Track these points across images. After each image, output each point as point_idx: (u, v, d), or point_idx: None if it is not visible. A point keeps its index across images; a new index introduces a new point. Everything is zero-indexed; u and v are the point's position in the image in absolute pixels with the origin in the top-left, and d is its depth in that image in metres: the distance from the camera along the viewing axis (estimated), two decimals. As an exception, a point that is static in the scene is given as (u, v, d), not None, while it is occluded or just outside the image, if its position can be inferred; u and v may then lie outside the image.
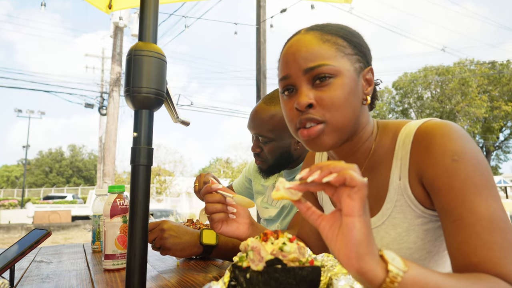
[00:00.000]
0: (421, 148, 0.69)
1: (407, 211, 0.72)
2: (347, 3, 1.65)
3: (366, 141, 0.79)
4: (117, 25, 12.73)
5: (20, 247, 0.91)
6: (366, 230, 0.46)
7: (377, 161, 0.78)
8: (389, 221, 0.75)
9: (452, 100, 27.49)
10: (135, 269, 0.65)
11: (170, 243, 1.03)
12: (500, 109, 27.20)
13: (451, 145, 0.65)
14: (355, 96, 0.73)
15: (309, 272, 0.53)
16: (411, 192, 0.72)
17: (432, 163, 0.66)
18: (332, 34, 0.75)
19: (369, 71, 0.77)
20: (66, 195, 23.84)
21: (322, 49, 0.72)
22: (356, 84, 0.73)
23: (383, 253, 0.48)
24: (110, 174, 11.86)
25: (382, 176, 0.77)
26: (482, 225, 0.59)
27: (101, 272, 1.02)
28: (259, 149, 1.34)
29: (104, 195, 1.37)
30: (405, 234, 0.73)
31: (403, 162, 0.73)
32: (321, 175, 0.47)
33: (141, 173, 0.68)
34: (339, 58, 0.72)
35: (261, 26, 7.84)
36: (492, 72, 27.94)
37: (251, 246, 0.55)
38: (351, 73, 0.73)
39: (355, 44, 0.76)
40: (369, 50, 0.80)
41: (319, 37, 0.74)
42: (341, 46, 0.73)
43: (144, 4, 0.73)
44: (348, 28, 0.78)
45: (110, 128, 12.18)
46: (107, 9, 1.62)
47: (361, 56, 0.76)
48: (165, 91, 0.72)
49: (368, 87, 0.77)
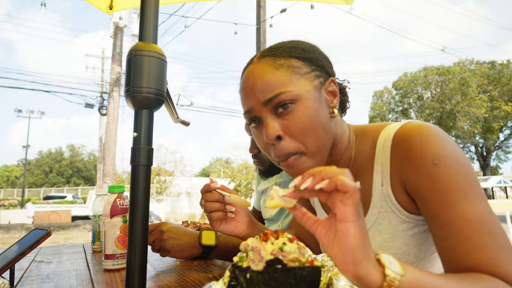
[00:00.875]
0: (400, 154, 0.68)
1: (391, 216, 0.72)
2: (347, 4, 1.64)
3: (345, 150, 0.79)
4: (117, 25, 12.72)
5: (20, 247, 0.91)
6: (361, 235, 0.46)
7: (359, 167, 0.77)
8: (375, 227, 0.74)
9: (452, 100, 27.49)
10: (135, 269, 0.65)
11: (170, 245, 1.04)
12: (500, 109, 27.20)
13: (431, 149, 0.64)
14: (320, 115, 0.72)
15: (309, 272, 0.53)
16: (394, 198, 0.71)
17: (413, 169, 0.65)
18: (285, 57, 0.73)
19: (330, 82, 0.76)
20: (66, 195, 23.83)
21: (277, 76, 0.71)
22: (319, 102, 0.72)
23: (380, 257, 0.48)
24: (110, 174, 11.86)
25: (365, 183, 0.76)
26: (472, 228, 0.58)
27: (101, 272, 1.02)
28: (256, 150, 1.34)
29: (104, 195, 1.37)
30: (391, 240, 0.72)
31: (384, 168, 0.72)
32: (314, 182, 0.47)
33: (141, 173, 0.68)
34: (296, 81, 0.71)
35: (261, 26, 7.84)
36: (492, 72, 27.94)
37: (251, 246, 0.55)
38: (311, 93, 0.71)
39: (310, 60, 0.74)
40: (327, 60, 0.79)
41: (271, 64, 0.73)
42: (295, 68, 0.72)
43: (144, 4, 0.73)
44: (300, 45, 0.77)
45: (110, 128, 12.18)
46: (108, 10, 1.63)
47: (319, 71, 0.75)
48: (165, 91, 0.72)
49: (333, 99, 0.76)
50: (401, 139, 0.68)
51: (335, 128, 0.76)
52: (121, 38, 12.92)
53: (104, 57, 20.08)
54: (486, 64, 28.55)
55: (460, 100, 27.06)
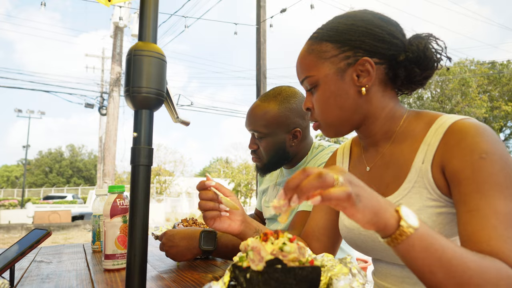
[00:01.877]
0: (452, 141, 0.71)
1: (423, 192, 0.74)
2: None
3: (385, 123, 0.84)
4: (117, 25, 12.73)
5: (20, 247, 0.91)
6: (369, 209, 0.51)
7: (402, 142, 0.81)
8: (404, 200, 0.77)
9: (452, 100, 27.49)
10: (135, 269, 0.65)
11: (171, 255, 1.10)
12: (500, 109, 27.19)
13: (483, 144, 0.67)
14: (339, 96, 0.81)
15: (309, 272, 0.52)
16: (431, 176, 0.73)
17: (459, 156, 0.68)
18: (318, 41, 0.82)
19: (363, 62, 0.77)
20: (66, 195, 23.82)
21: (307, 60, 0.84)
22: (339, 84, 0.80)
23: (399, 208, 0.54)
24: (110, 174, 11.86)
25: (406, 157, 0.79)
26: (499, 219, 0.60)
27: (101, 272, 1.02)
28: (256, 146, 1.35)
29: (104, 195, 1.37)
30: (417, 212, 0.74)
31: (430, 148, 0.75)
32: (302, 199, 0.50)
33: (141, 173, 0.68)
34: (320, 66, 0.81)
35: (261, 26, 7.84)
36: (492, 72, 27.93)
37: (251, 246, 0.55)
38: (331, 77, 0.80)
39: (342, 42, 0.79)
40: (371, 37, 0.78)
41: (307, 47, 0.84)
42: (323, 52, 0.81)
43: (144, 4, 0.73)
44: (338, 26, 0.80)
45: (110, 128, 12.18)
46: (107, 2, 1.62)
47: (352, 51, 0.78)
48: (165, 91, 0.72)
49: (364, 78, 0.79)
50: (457, 129, 0.72)
51: (366, 104, 0.81)
52: (121, 38, 12.92)
53: (104, 57, 20.08)
54: (486, 64, 28.55)
55: (460, 100, 27.06)
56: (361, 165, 0.91)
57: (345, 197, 0.48)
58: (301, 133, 1.32)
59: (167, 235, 1.12)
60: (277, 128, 1.29)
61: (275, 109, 1.29)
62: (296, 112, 1.31)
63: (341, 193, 0.48)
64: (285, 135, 1.30)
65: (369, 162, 0.89)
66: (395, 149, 0.82)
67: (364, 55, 0.78)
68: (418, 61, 0.78)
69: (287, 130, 1.31)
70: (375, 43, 0.78)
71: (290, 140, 1.31)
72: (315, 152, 1.36)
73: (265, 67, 7.72)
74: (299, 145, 1.35)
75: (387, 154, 0.84)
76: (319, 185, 0.48)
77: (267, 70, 7.76)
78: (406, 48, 0.79)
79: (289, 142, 1.32)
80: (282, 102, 1.30)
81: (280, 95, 1.32)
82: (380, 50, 0.78)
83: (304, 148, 1.37)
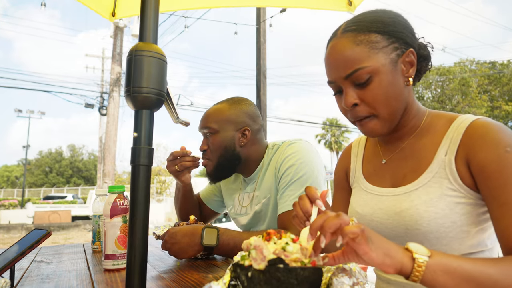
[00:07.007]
0: (475, 135, 0.73)
1: (444, 182, 0.76)
2: (349, 12, 1.61)
3: (413, 117, 0.85)
4: (117, 25, 12.73)
5: (20, 247, 0.91)
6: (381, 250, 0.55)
7: (425, 136, 0.83)
8: (423, 188, 0.78)
9: (452, 100, 27.49)
10: (135, 269, 0.65)
11: (174, 252, 1.12)
12: (500, 109, 27.19)
13: (507, 138, 0.70)
14: (394, 86, 0.78)
15: (311, 273, 0.53)
16: (455, 166, 0.75)
17: (484, 150, 0.71)
18: (365, 32, 0.78)
19: (409, 53, 0.80)
20: (66, 195, 23.84)
21: (356, 52, 0.77)
22: (394, 74, 0.78)
23: (407, 246, 0.58)
24: (110, 174, 11.86)
25: (427, 150, 0.81)
26: None
27: (101, 272, 1.02)
28: (206, 146, 1.36)
29: (104, 195, 1.37)
30: (436, 200, 0.76)
31: (452, 142, 0.77)
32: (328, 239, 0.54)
33: (141, 173, 0.68)
34: (373, 56, 0.77)
35: (261, 26, 7.84)
36: (492, 72, 27.93)
37: (254, 245, 0.55)
38: (387, 67, 0.77)
39: (389, 33, 0.79)
40: (408, 30, 0.82)
41: (352, 40, 0.78)
42: (374, 42, 0.77)
43: (145, 4, 0.73)
44: (382, 18, 0.81)
45: (110, 128, 12.18)
46: (111, 17, 1.70)
47: (398, 43, 0.79)
48: (165, 91, 0.72)
49: (409, 69, 0.81)
50: (479, 124, 0.74)
51: (408, 95, 0.82)
52: (121, 38, 12.92)
53: (104, 57, 20.09)
54: (486, 64, 28.54)
55: (461, 100, 27.06)
56: (376, 158, 0.94)
57: (360, 232, 0.53)
58: (251, 132, 1.35)
59: (170, 232, 1.13)
60: (226, 125, 1.33)
61: (226, 107, 1.37)
62: (246, 113, 1.36)
63: (356, 228, 0.53)
64: (234, 133, 1.33)
65: (385, 155, 0.91)
66: (416, 143, 0.84)
67: (407, 46, 0.80)
68: (427, 57, 0.85)
69: (236, 128, 1.34)
70: (412, 37, 0.82)
71: (239, 139, 1.34)
72: (271, 153, 1.37)
73: (265, 67, 7.72)
74: (250, 147, 1.36)
75: (407, 148, 0.86)
76: (338, 222, 0.54)
77: (267, 70, 7.76)
78: (420, 44, 0.84)
79: (238, 141, 1.34)
80: (233, 103, 1.39)
81: (232, 99, 1.41)
82: (414, 43, 0.82)
83: (256, 151, 1.38)
